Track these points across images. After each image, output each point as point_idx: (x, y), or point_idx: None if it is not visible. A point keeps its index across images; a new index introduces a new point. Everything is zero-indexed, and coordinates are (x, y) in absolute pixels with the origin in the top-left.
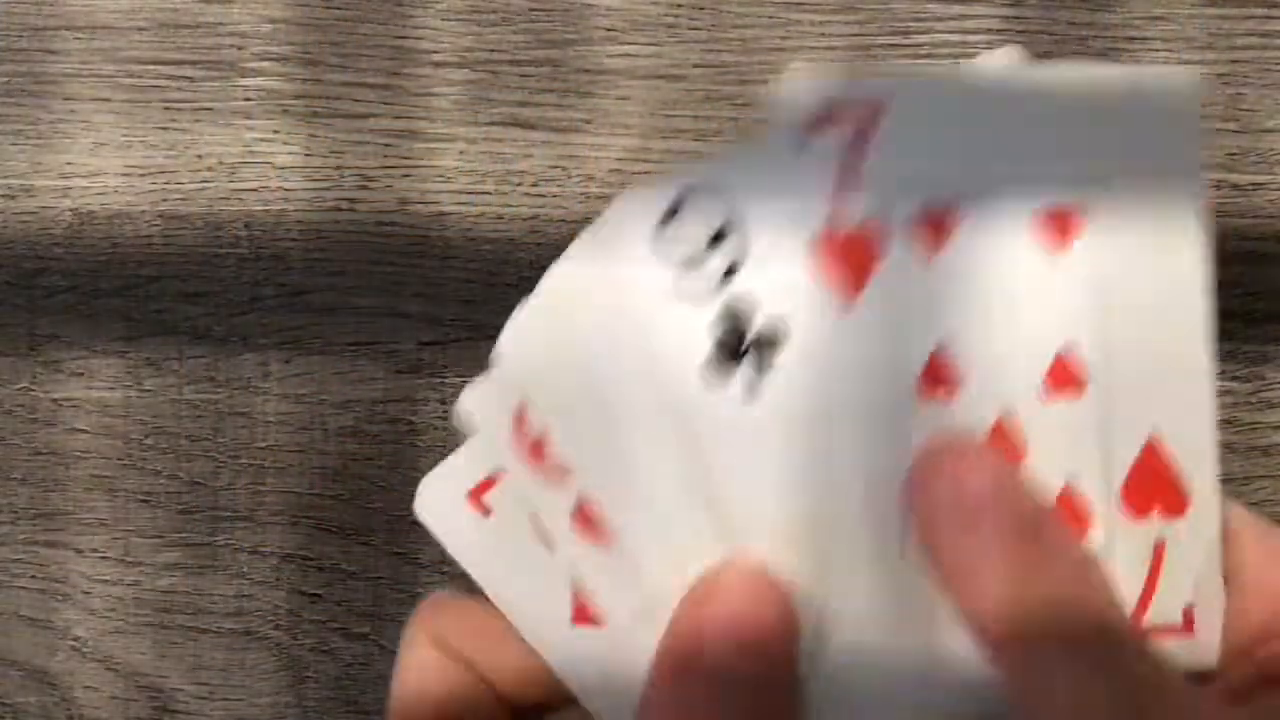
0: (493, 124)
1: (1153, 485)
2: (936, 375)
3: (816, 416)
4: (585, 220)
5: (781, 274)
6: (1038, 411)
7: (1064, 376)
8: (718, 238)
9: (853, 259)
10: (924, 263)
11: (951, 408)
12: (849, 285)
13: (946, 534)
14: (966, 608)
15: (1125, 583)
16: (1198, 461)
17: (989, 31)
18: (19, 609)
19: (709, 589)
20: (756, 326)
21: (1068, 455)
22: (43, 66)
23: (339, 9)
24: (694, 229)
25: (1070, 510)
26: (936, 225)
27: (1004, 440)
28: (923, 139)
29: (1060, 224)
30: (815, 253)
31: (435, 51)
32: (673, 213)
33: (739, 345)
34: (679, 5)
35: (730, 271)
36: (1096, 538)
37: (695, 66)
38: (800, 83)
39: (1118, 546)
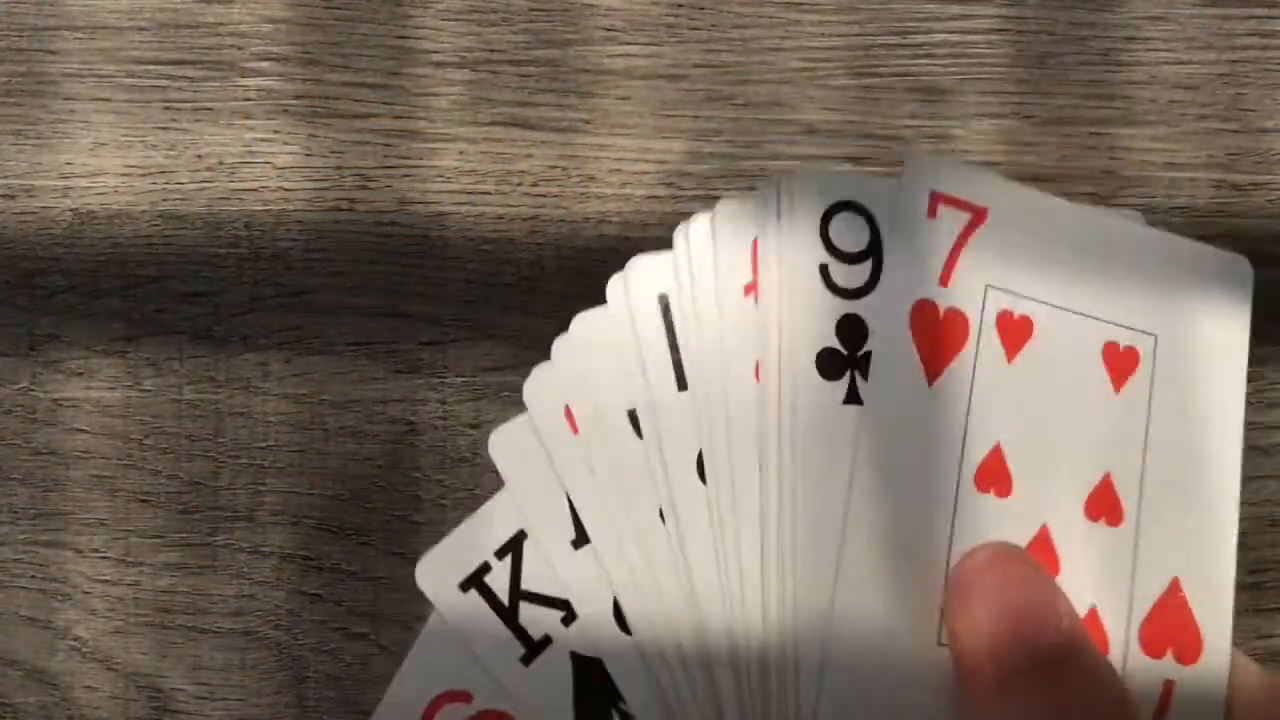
0: (493, 124)
1: (1170, 627)
2: (993, 472)
3: (882, 463)
4: (585, 220)
5: (894, 320)
6: (1078, 530)
7: (1106, 503)
8: (868, 250)
9: (942, 337)
10: (1001, 361)
11: (1002, 505)
12: (935, 359)
13: (979, 644)
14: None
15: None
16: (1215, 613)
17: (989, 31)
18: (19, 609)
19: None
20: (867, 347)
21: (1097, 581)
22: (43, 66)
23: (339, 9)
24: (854, 234)
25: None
26: (1016, 330)
27: (1044, 551)
28: (1017, 248)
29: (1122, 362)
30: (914, 319)
31: (435, 51)
32: (841, 207)
33: (851, 355)
34: (679, 5)
35: (864, 291)
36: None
37: (695, 66)
38: (927, 162)
39: (1128, 680)
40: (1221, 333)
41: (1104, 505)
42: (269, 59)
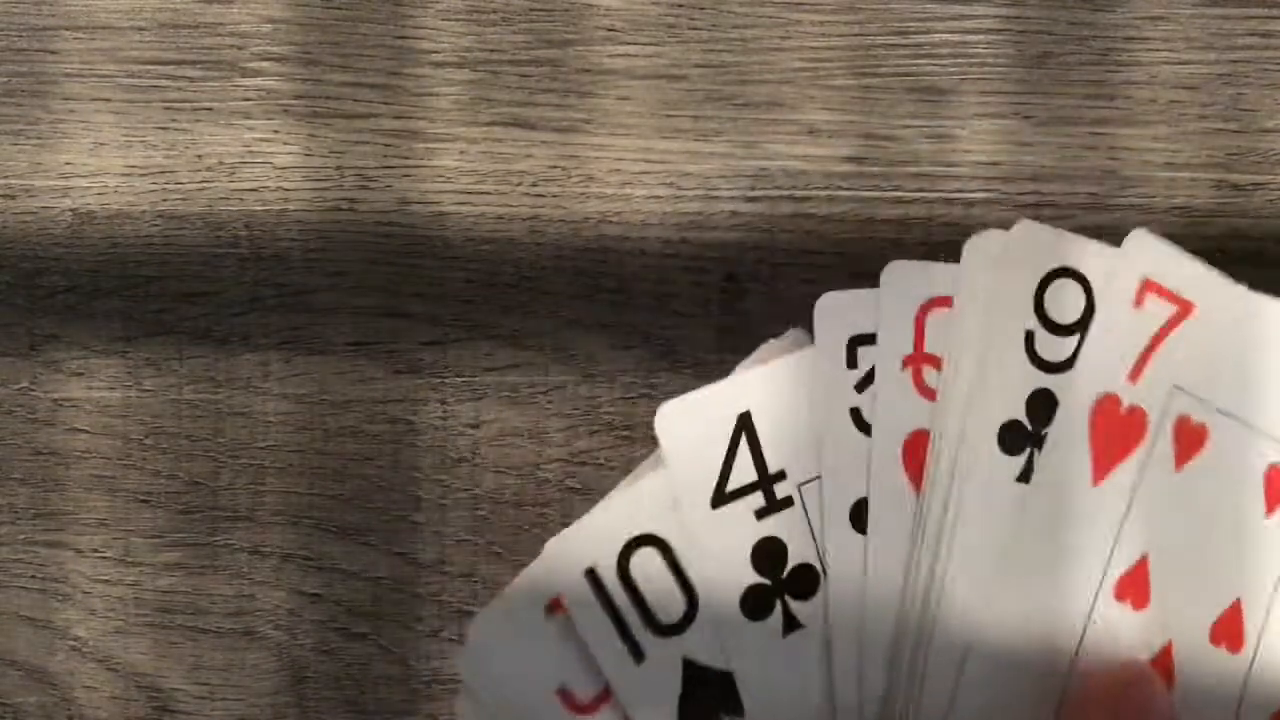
0: (493, 124)
1: None
2: (1135, 584)
3: (1030, 554)
4: (585, 220)
5: (1076, 411)
6: (1199, 652)
7: (1232, 630)
8: (1078, 324)
9: (1119, 435)
10: (1169, 468)
11: (1135, 617)
12: (1106, 457)
13: None
14: None
15: None
16: None
17: (989, 31)
18: (19, 609)
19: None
20: (1049, 426)
21: (1204, 703)
22: (43, 66)
23: (339, 9)
24: (1069, 303)
25: None
26: (1191, 437)
27: (1163, 668)
28: (1212, 351)
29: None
30: (1096, 413)
31: (435, 51)
32: (1060, 274)
33: (1035, 431)
34: (679, 5)
35: (1064, 366)
36: None
37: (695, 66)
38: (1146, 243)
39: None
40: None
41: (1229, 632)
42: (269, 59)
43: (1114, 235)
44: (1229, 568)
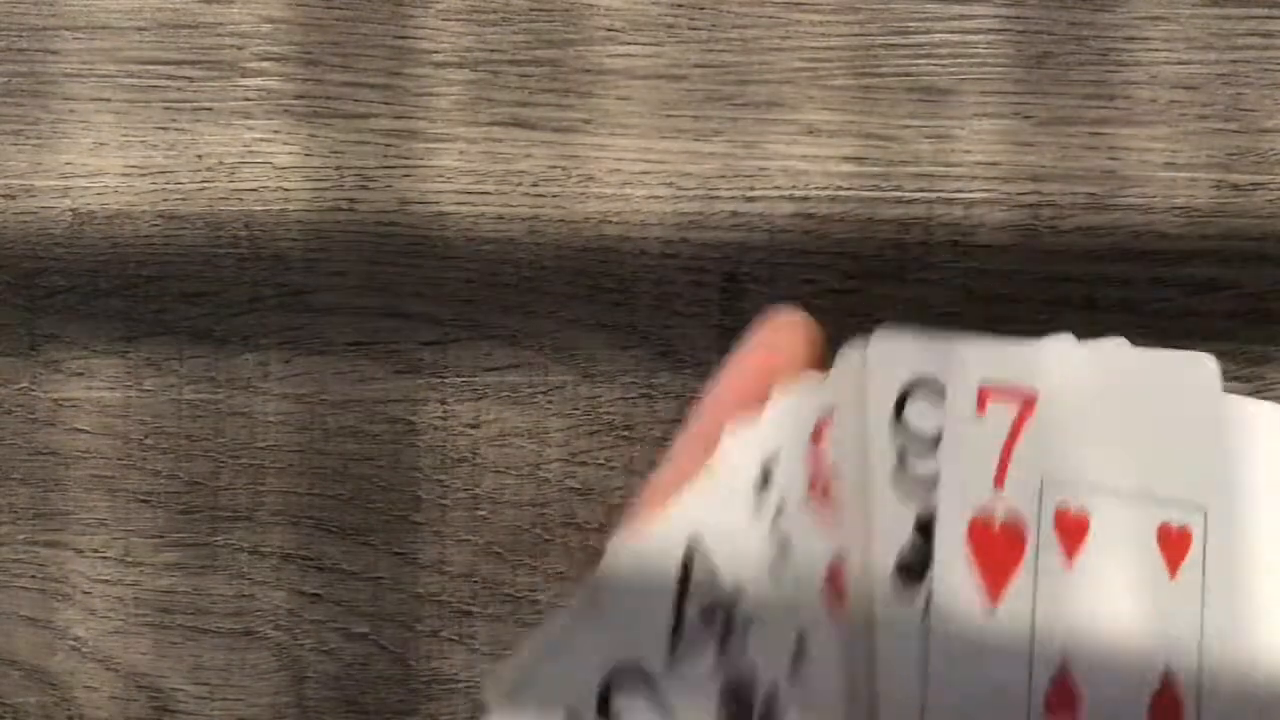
0: (493, 124)
1: None
2: (1063, 694)
3: (950, 697)
4: (585, 220)
5: (950, 540)
6: None
7: (1169, 703)
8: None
9: (1001, 550)
10: (1060, 568)
11: None
12: (995, 580)
13: None
14: None
15: None
16: None
17: (989, 31)
18: (19, 609)
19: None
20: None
21: None
22: (43, 66)
23: (339, 9)
24: (928, 413)
25: None
26: (1073, 528)
27: None
28: (1067, 431)
29: (1176, 545)
30: (971, 537)
31: (435, 51)
32: (917, 385)
33: (924, 564)
34: (679, 5)
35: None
36: None
37: (695, 66)
38: (970, 353)
39: None
40: (1272, 499)
41: (1167, 710)
42: (269, 59)
43: (1113, 235)
44: (1148, 640)
